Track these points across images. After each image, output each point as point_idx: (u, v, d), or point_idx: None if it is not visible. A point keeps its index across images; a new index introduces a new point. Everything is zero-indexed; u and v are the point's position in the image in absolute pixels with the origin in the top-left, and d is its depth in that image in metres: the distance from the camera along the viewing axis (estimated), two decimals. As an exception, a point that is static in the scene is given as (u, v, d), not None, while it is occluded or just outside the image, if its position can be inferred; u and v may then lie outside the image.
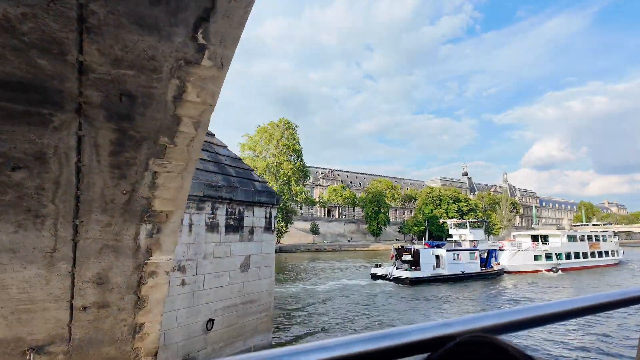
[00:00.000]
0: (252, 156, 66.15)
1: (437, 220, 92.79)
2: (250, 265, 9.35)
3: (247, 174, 9.84)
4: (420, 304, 22.44)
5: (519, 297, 26.02)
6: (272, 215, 10.12)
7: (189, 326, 7.82)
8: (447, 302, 23.62)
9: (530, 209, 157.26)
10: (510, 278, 34.63)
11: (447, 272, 30.46)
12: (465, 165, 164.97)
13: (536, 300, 24.36)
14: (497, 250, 38.37)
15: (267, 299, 9.84)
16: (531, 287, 30.31)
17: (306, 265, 44.86)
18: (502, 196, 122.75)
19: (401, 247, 34.05)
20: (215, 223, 8.44)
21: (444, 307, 21.95)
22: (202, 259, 8.16)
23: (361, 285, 28.35)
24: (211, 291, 8.37)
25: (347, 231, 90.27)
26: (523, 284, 31.74)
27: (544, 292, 28.33)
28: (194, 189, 7.84)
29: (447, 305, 22.66)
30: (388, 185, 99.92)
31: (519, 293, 27.44)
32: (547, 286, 30.91)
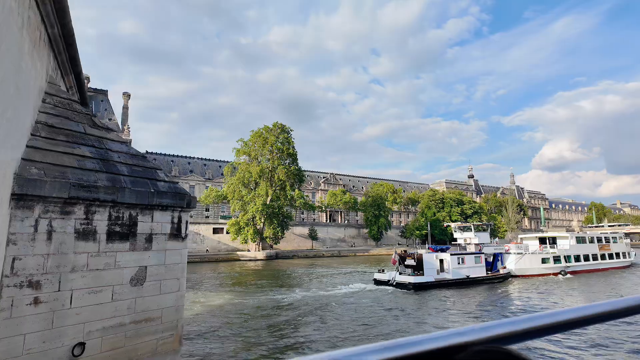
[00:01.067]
0: (247, 161, 65.33)
1: (440, 223, 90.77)
2: (146, 279, 8.12)
3: (148, 173, 8.66)
4: (424, 311, 21.58)
5: (527, 302, 25.01)
6: (181, 220, 8.89)
7: (45, 353, 6.58)
8: (452, 308, 22.72)
9: (539, 211, 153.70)
10: (517, 282, 33.72)
11: (452, 277, 29.83)
12: (471, 168, 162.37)
13: (545, 306, 23.50)
14: (503, 253, 37.42)
15: (173, 316, 8.58)
16: (539, 291, 29.38)
17: (300, 272, 43.57)
18: (508, 198, 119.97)
19: (404, 252, 33.32)
20: (92, 230, 7.25)
21: (449, 314, 20.98)
22: (69, 272, 6.94)
23: (362, 292, 27.55)
24: (84, 309, 7.13)
25: (347, 236, 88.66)
26: (530, 288, 30.82)
27: (553, 296, 27.30)
28: (52, 189, 6.68)
29: (452, 311, 21.66)
30: (389, 188, 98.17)
31: (526, 298, 26.49)
32: (556, 290, 29.87)
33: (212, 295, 26.28)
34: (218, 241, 69.20)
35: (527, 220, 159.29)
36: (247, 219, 62.28)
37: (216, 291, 28.25)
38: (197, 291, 28.10)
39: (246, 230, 62.23)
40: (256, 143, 63.45)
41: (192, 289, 28.58)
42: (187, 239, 9.36)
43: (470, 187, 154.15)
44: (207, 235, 68.86)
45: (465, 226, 41.94)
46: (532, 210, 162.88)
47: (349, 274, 40.16)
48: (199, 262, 57.28)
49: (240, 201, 63.41)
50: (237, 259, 61.70)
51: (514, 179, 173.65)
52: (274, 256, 64.55)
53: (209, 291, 28.19)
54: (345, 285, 30.25)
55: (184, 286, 9.14)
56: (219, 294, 26.57)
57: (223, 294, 26.57)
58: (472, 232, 39.05)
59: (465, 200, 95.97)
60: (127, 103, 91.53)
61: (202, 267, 49.51)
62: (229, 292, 28.00)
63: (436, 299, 25.17)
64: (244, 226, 62.37)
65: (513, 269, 36.29)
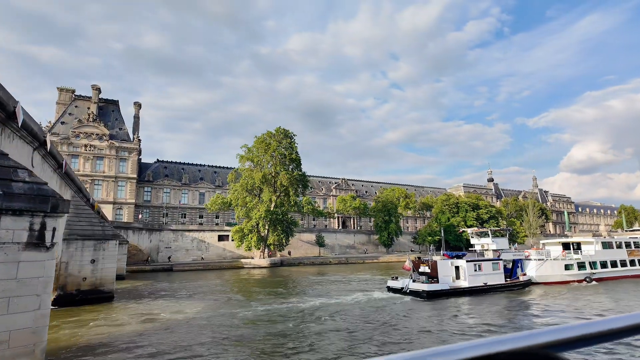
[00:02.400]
0: (251, 167, 64.62)
1: (455, 229, 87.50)
2: (-16, 295, 6.87)
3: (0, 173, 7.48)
4: (438, 320, 20.14)
5: (552, 310, 23.25)
6: (46, 226, 7.63)
7: None
8: (467, 317, 21.26)
9: (564, 215, 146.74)
10: (539, 289, 31.89)
11: (468, 285, 28.50)
12: (491, 171, 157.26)
13: (573, 315, 21.80)
14: (522, 259, 35.84)
15: (27, 339, 7.31)
16: (564, 299, 27.60)
17: (303, 280, 42.13)
18: (529, 202, 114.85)
19: (418, 259, 32.11)
20: None
21: (463, 323, 19.46)
22: None
23: (373, 299, 26.43)
24: None
25: (357, 242, 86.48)
26: (554, 295, 28.98)
27: (579, 304, 25.20)
28: None
29: (467, 321, 20.18)
30: (402, 193, 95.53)
31: (550, 306, 24.72)
32: (582, 298, 27.93)
33: (190, 305, 25.16)
34: (223, 248, 68.55)
35: (551, 225, 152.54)
36: (251, 225, 61.33)
37: (201, 300, 27.14)
38: (179, 300, 27.08)
39: (250, 237, 61.24)
40: (259, 149, 62.68)
41: (172, 297, 27.71)
42: (55, 247, 8.10)
43: (490, 191, 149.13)
44: (212, 242, 68.34)
45: (482, 232, 40.02)
46: (556, 214, 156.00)
47: (354, 283, 38.51)
48: (202, 270, 56.74)
49: (244, 208, 62.62)
50: (240, 267, 60.75)
51: (537, 182, 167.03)
52: (278, 263, 63.29)
53: (195, 300, 27.11)
54: (350, 294, 28.89)
55: (48, 304, 7.87)
56: (203, 303, 25.43)
57: (204, 304, 25.41)
58: (489, 237, 37.45)
59: (482, 204, 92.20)
60: (138, 113, 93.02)
61: (201, 276, 48.72)
62: (212, 302, 26.81)
63: (451, 307, 24.00)
64: (247, 233, 61.43)
65: (534, 276, 34.61)
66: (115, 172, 79.15)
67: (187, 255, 65.02)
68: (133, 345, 15.52)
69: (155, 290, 34.76)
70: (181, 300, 27.64)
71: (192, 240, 66.53)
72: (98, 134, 79.30)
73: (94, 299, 24.86)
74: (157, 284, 39.13)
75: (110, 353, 14.53)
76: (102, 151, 78.97)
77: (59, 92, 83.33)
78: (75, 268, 24.62)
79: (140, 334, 17.42)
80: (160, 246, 63.36)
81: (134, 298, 28.49)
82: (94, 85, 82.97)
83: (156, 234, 63.12)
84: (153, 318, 21.01)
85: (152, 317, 21.18)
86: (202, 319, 20.63)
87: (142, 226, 61.08)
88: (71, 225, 25.12)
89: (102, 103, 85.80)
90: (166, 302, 26.72)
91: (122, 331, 17.99)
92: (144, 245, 59.69)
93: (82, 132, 78.19)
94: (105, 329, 18.29)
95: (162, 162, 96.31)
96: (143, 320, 20.40)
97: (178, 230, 66.17)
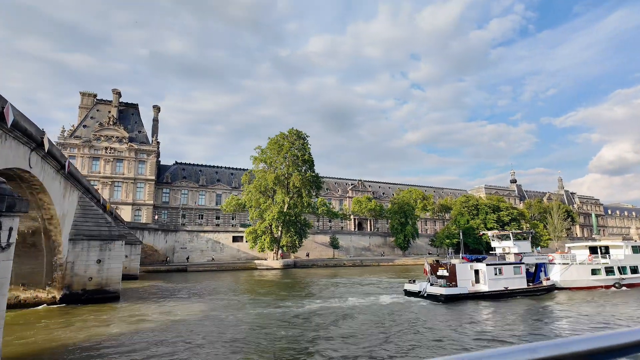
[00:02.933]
0: (265, 169, 64.73)
1: (474, 231, 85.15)
2: None
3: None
4: (455, 325, 19.49)
5: (579, 316, 22.23)
6: (1, 226, 7.42)
7: None
8: (486, 322, 20.56)
9: (592, 218, 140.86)
10: (563, 295, 30.96)
11: (488, 289, 27.92)
12: (513, 172, 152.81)
13: (603, 321, 20.74)
14: (546, 263, 34.79)
15: (-23, 342, 7.12)
16: (590, 305, 26.42)
17: (314, 282, 41.74)
18: (553, 204, 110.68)
19: (436, 262, 31.75)
20: None
21: (481, 329, 18.81)
22: None
23: (388, 303, 25.96)
24: None
25: (372, 245, 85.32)
26: (579, 301, 27.84)
27: (607, 311, 23.89)
28: None
29: (485, 326, 19.44)
30: (419, 195, 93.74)
31: (576, 312, 23.63)
32: (612, 304, 26.66)
33: (189, 306, 25.10)
34: (238, 249, 68.88)
35: (578, 228, 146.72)
36: (264, 227, 61.38)
37: (203, 302, 27.08)
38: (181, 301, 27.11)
39: (263, 239, 61.29)
40: (272, 150, 62.70)
41: (177, 298, 27.78)
42: (11, 248, 7.89)
43: (513, 192, 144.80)
44: (226, 243, 68.78)
45: (503, 234, 38.96)
46: (584, 216, 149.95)
47: (366, 286, 37.85)
48: (216, 270, 57.14)
49: (257, 209, 62.75)
50: (254, 268, 60.84)
51: (563, 183, 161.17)
52: (291, 265, 63.04)
53: (196, 302, 27.09)
54: (361, 297, 28.39)
55: (2, 308, 7.68)
56: (204, 305, 25.35)
57: (204, 306, 25.32)
58: (510, 240, 36.43)
59: (503, 206, 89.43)
60: (157, 116, 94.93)
61: (214, 277, 48.98)
62: (212, 303, 26.71)
63: (469, 312, 23.35)
64: (260, 234, 61.52)
65: (558, 280, 33.54)
66: (134, 173, 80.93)
67: (202, 255, 65.67)
68: (118, 346, 15.44)
69: (164, 290, 35.01)
70: (184, 301, 27.66)
71: (207, 241, 67.16)
72: (118, 136, 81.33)
73: (99, 299, 25.14)
74: (168, 285, 39.46)
75: (94, 352, 14.47)
76: (121, 153, 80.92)
77: (81, 96, 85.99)
78: (81, 268, 24.96)
79: (130, 335, 17.37)
80: (175, 247, 64.23)
81: (141, 298, 28.71)
82: (114, 89, 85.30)
83: (172, 234, 64.04)
84: (150, 319, 21.00)
85: (149, 318, 21.18)
86: (195, 321, 20.44)
87: (158, 227, 62.08)
88: (78, 225, 25.53)
89: (123, 107, 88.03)
90: (170, 303, 26.77)
91: (111, 331, 18.01)
92: (159, 245, 60.62)
93: (102, 135, 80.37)
94: (100, 330, 18.33)
95: (181, 164, 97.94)
96: (138, 321, 20.43)
97: (193, 231, 66.96)
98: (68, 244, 24.42)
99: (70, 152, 77.51)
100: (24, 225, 21.55)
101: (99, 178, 78.11)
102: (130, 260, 44.38)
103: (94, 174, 77.95)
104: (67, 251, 24.24)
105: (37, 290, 23.45)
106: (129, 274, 43.99)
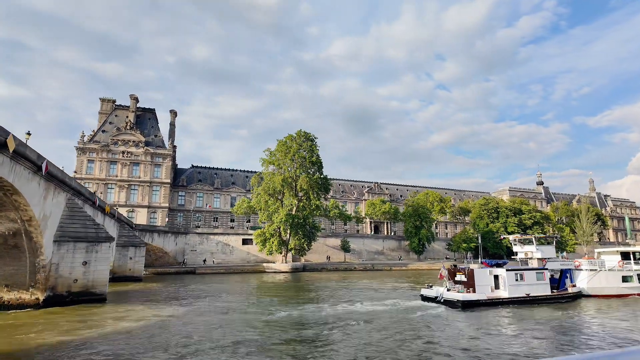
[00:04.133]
0: (274, 171, 64.34)
1: (494, 235, 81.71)
2: None
3: None
4: (473, 332, 18.86)
5: (606, 327, 20.63)
6: None
7: None
8: (504, 330, 19.59)
9: (626, 222, 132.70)
10: (591, 303, 29.45)
11: (508, 295, 27.07)
12: (540, 174, 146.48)
13: (629, 331, 19.38)
14: (572, 269, 33.48)
15: None
16: (620, 314, 24.71)
17: (323, 288, 40.75)
18: (582, 206, 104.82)
19: (454, 267, 31.03)
20: None
21: (499, 337, 17.92)
22: None
23: (404, 308, 25.71)
24: None
25: (386, 248, 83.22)
26: (608, 310, 26.33)
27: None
28: None
29: (502, 335, 18.46)
30: (436, 197, 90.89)
31: (605, 322, 22.08)
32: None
33: (173, 310, 24.63)
34: (247, 252, 68.72)
35: (611, 232, 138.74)
36: (273, 229, 60.90)
37: (193, 305, 26.61)
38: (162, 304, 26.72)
39: (271, 241, 60.78)
40: (280, 152, 62.24)
41: (167, 301, 27.46)
42: None
43: (539, 195, 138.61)
44: (236, 246, 68.78)
45: (525, 239, 37.41)
46: (617, 220, 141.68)
47: (372, 291, 36.51)
48: (224, 273, 57.01)
49: (266, 212, 62.38)
50: (262, 271, 60.40)
51: (594, 185, 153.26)
52: (300, 268, 62.19)
53: (186, 305, 26.65)
54: (369, 304, 27.48)
55: None
56: (190, 308, 24.86)
57: (189, 308, 24.81)
58: (533, 245, 35.07)
59: (525, 209, 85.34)
60: (173, 120, 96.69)
61: (220, 279, 48.77)
62: (200, 307, 26.17)
63: (487, 318, 22.63)
64: (269, 237, 61.05)
65: (585, 287, 32.06)
66: (150, 177, 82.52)
67: (211, 258, 65.86)
68: (88, 348, 14.98)
69: (160, 293, 34.91)
70: (175, 304, 27.29)
71: (217, 243, 67.36)
72: (135, 140, 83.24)
73: (85, 300, 25.08)
74: (168, 288, 39.41)
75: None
76: (138, 157, 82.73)
77: (101, 102, 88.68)
78: (66, 269, 24.99)
79: (99, 338, 16.93)
80: (185, 249, 64.75)
81: (129, 301, 28.58)
82: (132, 94, 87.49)
83: (182, 237, 64.61)
84: (127, 321, 20.60)
85: (125, 321, 20.79)
86: (174, 325, 19.89)
87: (168, 229, 62.77)
88: (64, 227, 25.62)
89: (140, 111, 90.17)
90: (159, 305, 26.47)
91: (83, 334, 17.61)
92: (169, 247, 61.22)
93: (120, 139, 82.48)
94: (72, 332, 18.01)
95: (197, 167, 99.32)
96: (113, 324, 20.05)
97: (203, 234, 67.32)
98: (52, 246, 24.50)
99: (89, 156, 79.97)
100: (4, 226, 21.69)
101: (116, 181, 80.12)
102: (134, 262, 44.81)
103: (111, 177, 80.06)
104: (51, 253, 24.31)
105: (20, 291, 23.60)
106: (133, 275, 44.45)
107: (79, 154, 79.68)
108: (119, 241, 44.06)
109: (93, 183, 78.87)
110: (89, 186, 79.23)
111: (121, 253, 43.95)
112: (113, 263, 43.23)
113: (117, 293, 32.18)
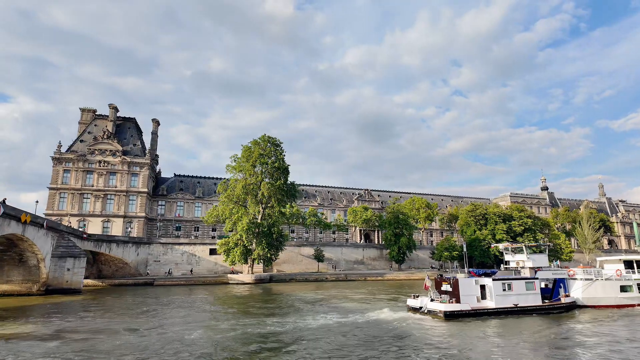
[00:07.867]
0: (239, 177, 62.06)
1: (481, 243, 77.20)
2: None
3: None
4: (450, 344, 17.89)
5: (601, 339, 19.37)
6: None
7: None
8: (483, 343, 18.55)
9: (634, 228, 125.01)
10: (585, 314, 28.35)
11: (495, 305, 26.48)
12: (544, 179, 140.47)
13: (627, 345, 18.13)
14: (566, 279, 32.31)
15: None
16: (617, 326, 23.64)
17: (281, 301, 37.87)
18: (583, 212, 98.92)
19: (440, 277, 29.99)
20: None
21: (483, 351, 16.81)
22: None
23: (385, 319, 24.99)
24: None
25: (366, 258, 79.44)
26: (604, 321, 25.09)
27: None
28: None
29: (489, 349, 17.30)
30: (422, 204, 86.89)
31: (600, 334, 20.90)
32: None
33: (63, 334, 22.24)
34: (215, 263, 66.30)
35: (623, 239, 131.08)
36: (237, 238, 58.37)
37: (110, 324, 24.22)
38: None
39: (235, 251, 58.21)
40: (243, 158, 60.03)
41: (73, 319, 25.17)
42: None
43: (543, 200, 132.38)
44: (203, 256, 66.45)
45: (516, 247, 35.81)
46: (630, 227, 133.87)
47: (337, 304, 33.56)
48: (184, 285, 54.55)
49: (230, 220, 60.00)
50: (226, 282, 57.75)
51: (603, 189, 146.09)
52: (266, 279, 59.29)
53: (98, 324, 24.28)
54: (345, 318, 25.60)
55: None
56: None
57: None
58: (524, 253, 33.64)
59: (516, 215, 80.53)
60: (156, 129, 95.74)
61: (174, 292, 46.31)
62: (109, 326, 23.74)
63: (470, 330, 21.86)
64: (232, 246, 58.50)
65: (580, 297, 31.03)
66: (126, 186, 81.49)
67: (176, 269, 63.70)
68: None
69: (75, 309, 32.60)
70: (87, 321, 25.00)
71: (183, 253, 65.21)
72: (112, 150, 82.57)
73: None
74: (106, 302, 36.81)
75: None
76: (114, 167, 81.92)
77: (81, 112, 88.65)
78: None
79: None
80: (149, 259, 62.79)
81: (31, 316, 26.51)
82: (110, 104, 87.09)
83: (144, 247, 62.71)
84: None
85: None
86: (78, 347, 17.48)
87: (128, 239, 61.00)
88: None
89: (120, 121, 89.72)
90: (65, 323, 24.24)
91: None
92: (129, 258, 59.35)
93: (97, 148, 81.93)
94: None
95: (180, 176, 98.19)
96: None
97: (168, 244, 65.31)
98: None
99: (65, 166, 79.51)
100: None
101: (92, 191, 79.26)
102: (72, 274, 42.94)
103: (87, 187, 79.28)
104: None
105: None
106: (70, 288, 42.51)
107: (54, 164, 79.26)
108: (55, 252, 42.32)
109: (68, 193, 78.25)
110: (64, 196, 78.81)
111: (57, 264, 42.16)
112: (47, 274, 41.48)
113: (32, 308, 30.22)
